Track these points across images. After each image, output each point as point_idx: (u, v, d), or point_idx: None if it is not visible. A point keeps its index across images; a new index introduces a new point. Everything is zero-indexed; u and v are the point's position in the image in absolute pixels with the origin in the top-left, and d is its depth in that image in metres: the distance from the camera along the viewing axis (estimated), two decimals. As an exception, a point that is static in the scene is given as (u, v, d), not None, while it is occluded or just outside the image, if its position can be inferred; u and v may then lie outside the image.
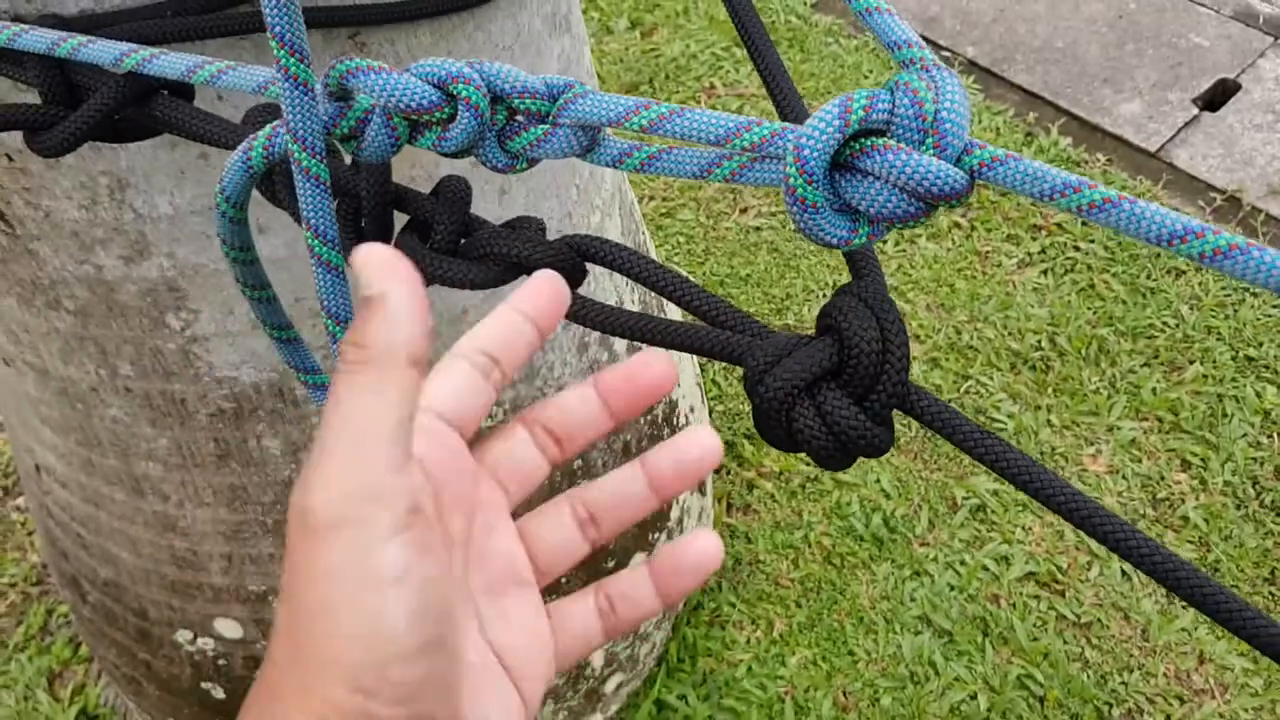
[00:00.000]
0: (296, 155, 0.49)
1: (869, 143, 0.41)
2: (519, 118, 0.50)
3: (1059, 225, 2.39)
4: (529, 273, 0.53)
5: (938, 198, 0.40)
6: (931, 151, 0.40)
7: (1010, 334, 2.21)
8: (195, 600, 1.27)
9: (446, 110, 0.48)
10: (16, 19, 0.73)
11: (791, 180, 0.41)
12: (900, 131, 0.41)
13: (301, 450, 1.11)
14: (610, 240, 0.53)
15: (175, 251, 0.92)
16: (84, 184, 0.87)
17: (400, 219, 0.58)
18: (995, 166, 0.40)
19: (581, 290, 0.55)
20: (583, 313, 0.52)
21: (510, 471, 0.46)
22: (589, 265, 0.55)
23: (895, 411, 0.48)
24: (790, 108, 0.56)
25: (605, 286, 1.30)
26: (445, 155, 0.50)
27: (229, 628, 1.29)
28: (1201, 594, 0.41)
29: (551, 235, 1.16)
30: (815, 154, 0.41)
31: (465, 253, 0.55)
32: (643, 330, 0.51)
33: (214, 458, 1.10)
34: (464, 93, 0.48)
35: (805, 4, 2.98)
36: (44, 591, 1.96)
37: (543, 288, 0.45)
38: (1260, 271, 0.35)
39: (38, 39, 0.57)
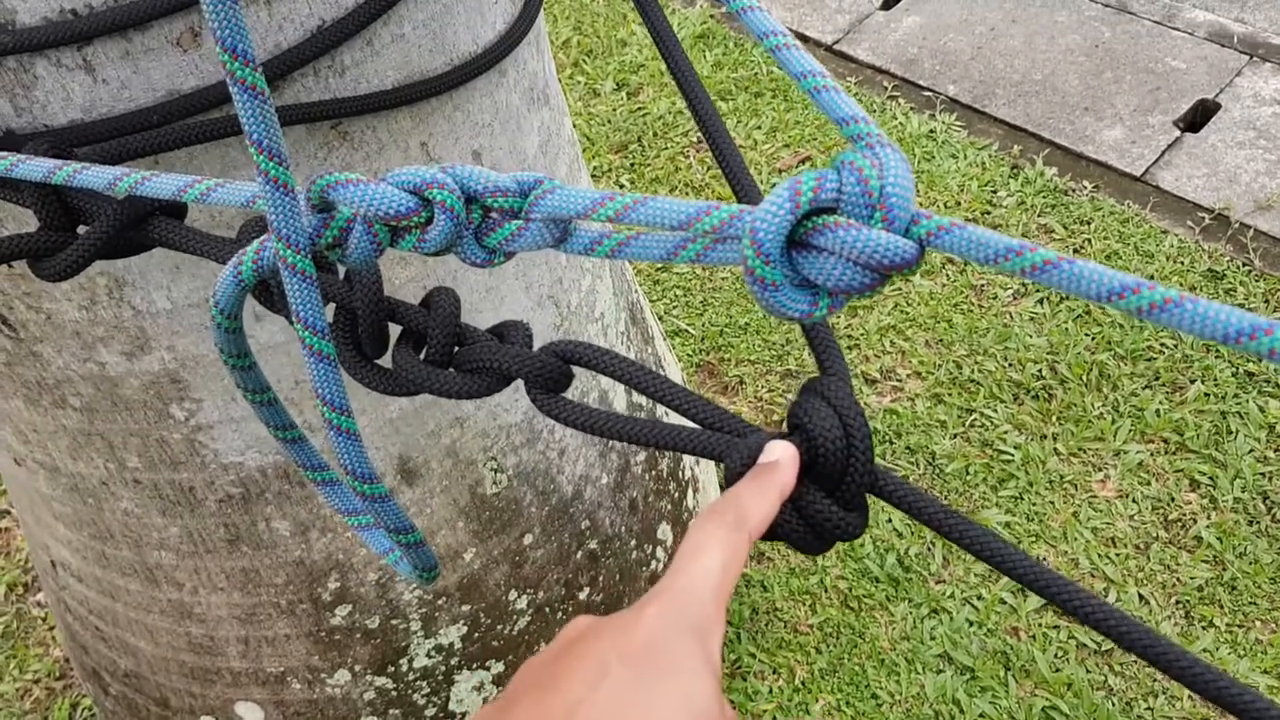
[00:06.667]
0: (283, 253, 0.51)
1: (821, 221, 0.43)
2: (493, 215, 0.52)
3: (1051, 254, 2.40)
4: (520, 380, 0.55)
5: (890, 268, 0.42)
6: (881, 225, 0.42)
7: (1011, 365, 2.22)
8: (215, 685, 1.28)
9: (424, 214, 0.51)
10: (8, 132, 0.76)
11: (750, 261, 0.43)
12: (850, 208, 0.43)
13: (310, 530, 1.13)
14: (594, 345, 0.55)
15: (175, 344, 0.95)
16: (83, 285, 0.90)
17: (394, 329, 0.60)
18: (942, 235, 0.42)
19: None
20: (570, 416, 0.54)
21: None
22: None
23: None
24: (740, 185, 0.59)
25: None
26: (427, 255, 0.52)
27: (250, 711, 1.29)
28: (1155, 652, 0.43)
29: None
30: (769, 236, 0.43)
31: (458, 364, 0.57)
32: (628, 431, 0.53)
33: (225, 543, 1.12)
34: (439, 197, 0.50)
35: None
36: (67, 686, 1.96)
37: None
38: (1196, 322, 0.37)
39: (34, 168, 0.60)
